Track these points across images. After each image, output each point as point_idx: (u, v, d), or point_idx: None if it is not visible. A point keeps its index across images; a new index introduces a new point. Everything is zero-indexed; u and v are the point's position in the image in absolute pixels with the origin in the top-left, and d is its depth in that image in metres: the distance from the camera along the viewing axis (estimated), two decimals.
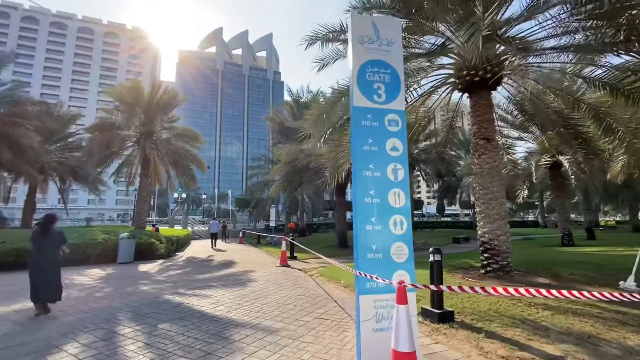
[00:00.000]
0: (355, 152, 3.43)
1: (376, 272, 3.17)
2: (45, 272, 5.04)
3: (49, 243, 5.20)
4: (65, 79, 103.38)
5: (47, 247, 5.17)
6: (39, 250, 5.14)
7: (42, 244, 5.16)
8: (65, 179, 23.73)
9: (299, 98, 26.04)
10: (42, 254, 5.10)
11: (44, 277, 5.01)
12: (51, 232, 5.29)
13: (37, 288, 4.98)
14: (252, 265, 10.94)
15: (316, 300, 6.02)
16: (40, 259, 5.08)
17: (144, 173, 18.28)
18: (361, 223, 3.30)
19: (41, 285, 4.98)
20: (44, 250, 5.14)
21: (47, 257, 5.12)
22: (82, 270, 9.77)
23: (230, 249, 17.37)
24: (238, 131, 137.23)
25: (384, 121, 3.55)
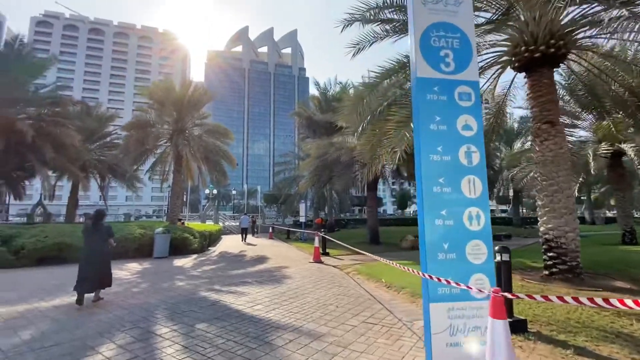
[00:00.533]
0: (420, 133, 2.87)
1: (449, 276, 2.62)
2: (95, 264, 5.34)
3: (98, 236, 5.55)
4: (104, 81, 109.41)
5: (97, 240, 5.53)
6: (89, 243, 5.50)
7: (92, 238, 5.52)
8: (105, 176, 24.84)
9: (327, 91, 25.55)
10: (92, 247, 5.47)
11: (93, 269, 5.30)
12: (100, 227, 5.65)
13: (84, 279, 5.24)
14: (285, 261, 10.65)
15: (359, 301, 5.53)
16: (91, 251, 5.43)
17: (177, 169, 18.59)
18: (429, 217, 2.76)
19: (90, 277, 5.26)
20: (95, 243, 5.49)
21: (98, 250, 5.48)
22: (121, 264, 9.92)
23: (261, 244, 17.30)
24: (265, 128, 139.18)
25: (454, 94, 2.96)
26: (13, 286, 6.59)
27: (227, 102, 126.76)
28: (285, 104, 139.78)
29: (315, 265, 9.69)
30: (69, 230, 10.21)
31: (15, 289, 6.33)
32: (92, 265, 5.30)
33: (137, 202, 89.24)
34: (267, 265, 9.74)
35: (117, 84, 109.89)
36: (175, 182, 18.52)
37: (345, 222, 32.30)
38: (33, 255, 8.85)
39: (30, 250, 8.82)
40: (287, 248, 15.34)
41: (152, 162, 20.65)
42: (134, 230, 11.64)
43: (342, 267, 9.28)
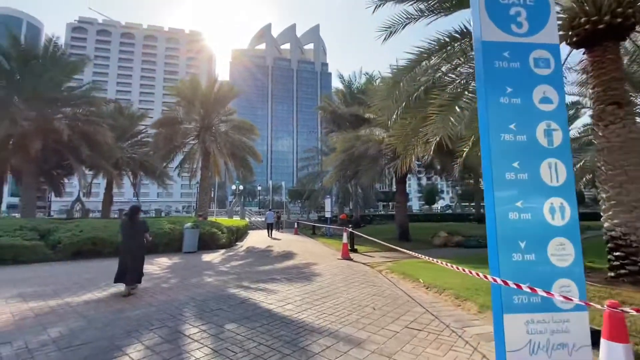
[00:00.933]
0: (487, 108, 2.38)
1: (527, 280, 2.13)
2: (133, 257, 5.64)
3: (135, 231, 5.85)
4: (135, 83, 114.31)
5: (134, 234, 5.83)
6: (126, 237, 5.81)
7: (129, 232, 5.82)
8: (137, 173, 25.73)
9: (351, 84, 24.94)
10: (129, 241, 5.78)
11: (131, 261, 5.59)
12: (136, 221, 5.94)
13: (124, 271, 5.55)
14: (312, 257, 10.35)
15: (397, 303, 5.08)
16: (129, 245, 5.75)
17: (205, 165, 18.84)
18: (502, 210, 2.28)
19: (129, 269, 5.54)
20: (131, 237, 5.80)
21: (135, 243, 5.78)
22: (151, 258, 10.02)
23: (287, 240, 17.15)
24: (288, 125, 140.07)
25: (529, 61, 2.44)
26: (49, 280, 6.71)
27: (251, 100, 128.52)
28: (308, 100, 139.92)
29: (344, 263, 9.30)
30: (102, 225, 10.46)
31: (50, 283, 6.43)
32: (131, 258, 5.58)
33: (167, 198, 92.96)
34: (295, 262, 9.47)
35: (147, 85, 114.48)
36: (203, 179, 18.78)
37: (370, 218, 31.63)
38: (69, 249, 9.10)
39: (67, 244, 9.08)
40: (313, 244, 15.06)
41: (181, 159, 21.10)
42: (163, 225, 11.78)
43: (373, 264, 8.83)
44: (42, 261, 8.67)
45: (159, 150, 17.59)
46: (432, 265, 7.81)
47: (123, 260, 5.65)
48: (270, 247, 13.50)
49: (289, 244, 14.81)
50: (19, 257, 8.28)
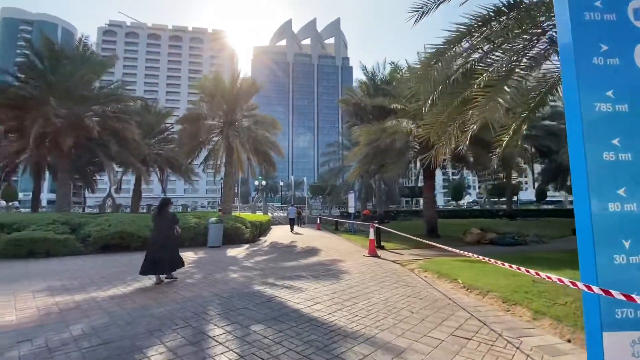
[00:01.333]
0: (576, 70, 1.88)
1: (634, 289, 1.65)
2: (163, 248, 5.82)
3: (165, 223, 6.03)
4: (162, 82, 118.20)
5: (164, 227, 6.00)
6: (157, 229, 6.02)
7: (159, 224, 6.01)
8: (164, 169, 26.41)
9: (375, 75, 24.18)
10: (160, 233, 5.96)
11: (161, 253, 5.77)
12: (166, 214, 6.15)
13: (154, 262, 5.71)
14: (337, 254, 9.99)
15: (436, 306, 4.62)
16: (159, 237, 5.94)
17: (229, 161, 18.89)
18: (598, 199, 1.80)
19: (158, 260, 5.72)
20: (162, 230, 5.98)
21: (165, 235, 5.96)
22: None
23: (310, 235, 16.91)
24: (309, 121, 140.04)
25: (627, 11, 1.91)
26: (77, 273, 6.77)
27: (271, 97, 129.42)
28: (329, 95, 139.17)
29: (371, 260, 8.88)
30: (129, 220, 10.61)
31: (78, 276, 6.47)
32: (160, 249, 5.77)
33: (193, 194, 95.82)
34: (320, 258, 9.15)
35: (173, 84, 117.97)
36: (227, 174, 18.84)
37: (394, 214, 30.84)
38: (98, 242, 9.27)
39: (96, 238, 9.24)
40: (337, 240, 14.71)
41: (206, 155, 21.34)
42: (189, 220, 11.83)
43: (403, 262, 8.35)
44: (72, 254, 8.87)
45: (184, 147, 17.80)
46: (470, 264, 7.27)
47: (151, 252, 5.78)
48: (293, 243, 13.28)
49: (312, 240, 14.55)
50: (51, 251, 8.49)
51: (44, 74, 14.87)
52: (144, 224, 10.74)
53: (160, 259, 5.72)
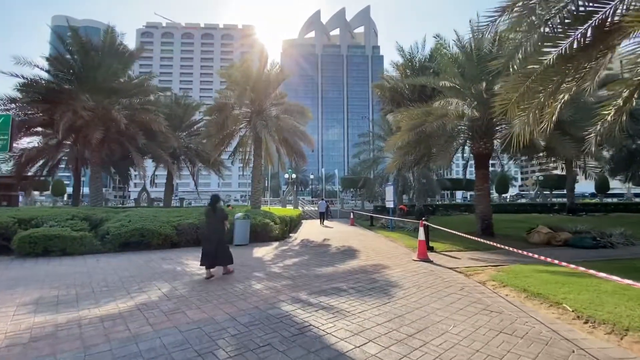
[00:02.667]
0: None
1: None
2: (214, 242, 6.01)
3: (216, 218, 6.19)
4: (195, 79, 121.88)
5: (215, 222, 6.18)
6: (208, 224, 6.23)
7: (211, 220, 6.20)
8: (194, 162, 26.18)
9: (413, 56, 22.00)
10: (211, 227, 6.16)
11: (213, 246, 5.97)
12: (217, 209, 6.31)
13: (207, 256, 5.94)
14: (380, 257, 8.52)
15: (554, 355, 3.02)
16: (210, 231, 6.13)
17: (257, 153, 17.95)
18: None
19: (211, 254, 5.94)
20: (212, 224, 6.17)
21: (214, 230, 6.12)
22: (198, 252, 9.11)
23: (343, 231, 15.52)
24: (338, 113, 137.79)
25: None
26: (82, 278, 5.89)
27: (300, 90, 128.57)
28: (359, 86, 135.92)
29: (424, 266, 7.30)
30: (151, 215, 9.83)
31: (80, 283, 5.57)
32: (211, 244, 5.96)
33: (226, 188, 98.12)
34: (361, 262, 7.72)
35: (206, 81, 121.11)
36: (255, 167, 17.91)
37: (432, 208, 28.49)
38: (117, 240, 8.52)
39: (114, 235, 8.50)
40: (374, 238, 13.18)
41: (234, 146, 20.59)
42: None
43: (466, 271, 6.70)
44: (90, 253, 8.18)
45: (211, 138, 17.04)
46: (565, 277, 5.48)
47: (205, 246, 6.01)
48: (327, 241, 11.96)
49: (347, 237, 13.15)
50: (68, 249, 7.83)
51: (73, 67, 14.65)
52: (166, 220, 9.93)
53: (213, 254, 5.93)
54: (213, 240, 5.98)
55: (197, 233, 10.01)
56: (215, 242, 5.98)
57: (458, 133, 12.41)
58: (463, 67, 12.98)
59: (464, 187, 34.73)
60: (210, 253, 5.91)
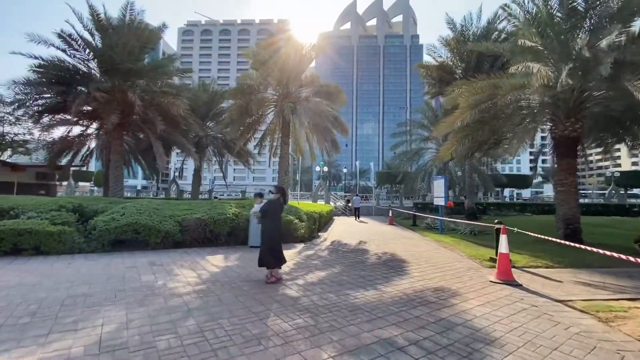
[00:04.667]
0: None
1: None
2: (264, 242, 5.25)
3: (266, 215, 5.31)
4: (232, 74, 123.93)
5: (265, 221, 5.29)
6: (276, 219, 5.39)
7: (279, 214, 5.53)
8: (222, 153, 24.99)
9: (466, 29, 18.77)
10: (278, 223, 5.41)
11: (263, 246, 5.22)
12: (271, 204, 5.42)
13: (260, 256, 5.16)
14: (438, 272, 6.14)
15: None
16: (277, 226, 5.37)
17: (284, 141, 16.08)
18: None
19: (262, 253, 5.15)
20: (279, 219, 5.47)
21: (264, 228, 5.30)
22: (203, 254, 7.30)
23: (382, 232, 13.13)
24: (374, 107, 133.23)
25: None
26: (29, 295, 4.20)
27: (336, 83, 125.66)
28: (396, 77, 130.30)
29: (514, 294, 4.81)
30: (152, 208, 8.19)
31: (24, 301, 3.86)
32: (263, 244, 5.25)
33: (260, 182, 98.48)
34: (414, 282, 5.39)
35: None
36: (282, 156, 16.06)
37: (483, 207, 24.93)
38: (104, 237, 6.94)
39: (102, 230, 6.92)
40: (422, 242, 10.67)
41: (262, 135, 18.94)
42: (227, 209, 9.07)
43: (593, 309, 4.12)
44: (70, 252, 6.66)
45: (234, 123, 15.40)
46: None
47: (275, 245, 5.23)
48: (363, 244, 9.70)
49: (387, 240, 10.79)
50: (43, 247, 6.36)
51: (89, 45, 13.66)
52: (170, 214, 8.27)
53: (261, 253, 5.21)
54: (265, 239, 5.27)
55: (205, 230, 8.25)
56: (267, 242, 5.21)
57: (540, 110, 9.48)
58: (544, 25, 9.94)
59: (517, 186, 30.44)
60: (262, 252, 5.17)
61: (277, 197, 5.47)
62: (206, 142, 22.69)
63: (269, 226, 5.25)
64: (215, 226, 8.31)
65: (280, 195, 5.50)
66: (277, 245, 5.22)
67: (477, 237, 11.79)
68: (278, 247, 5.23)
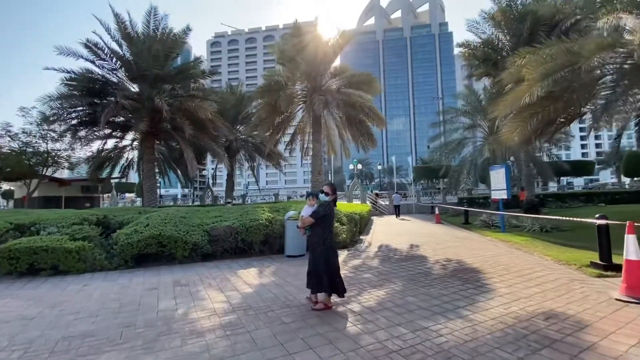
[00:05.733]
0: None
1: None
2: (317, 259, 3.95)
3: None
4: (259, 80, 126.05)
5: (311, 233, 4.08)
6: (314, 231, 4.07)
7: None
8: (253, 157, 24.51)
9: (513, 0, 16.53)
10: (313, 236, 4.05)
11: (316, 267, 3.91)
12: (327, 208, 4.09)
13: (313, 278, 3.95)
14: (529, 285, 4.67)
15: None
16: (312, 241, 4.08)
17: (316, 138, 15.02)
18: None
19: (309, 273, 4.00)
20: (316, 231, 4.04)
21: (316, 240, 4.01)
22: (235, 267, 6.34)
23: (432, 233, 11.53)
24: (403, 101, 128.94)
25: None
26: (19, 336, 3.39)
27: None
28: (425, 69, 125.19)
29: None
30: (178, 217, 7.41)
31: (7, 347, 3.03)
32: (316, 262, 3.94)
33: (291, 185, 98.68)
34: (508, 304, 3.95)
35: None
36: (315, 155, 14.99)
37: (540, 199, 22.08)
38: (127, 252, 6.20)
39: (124, 245, 6.20)
40: (487, 243, 9.01)
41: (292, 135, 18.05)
42: (260, 214, 8.11)
43: None
44: (92, 270, 5.98)
45: (263, 123, 14.60)
46: None
47: (332, 264, 3.95)
48: (416, 249, 8.29)
49: (443, 242, 9.27)
50: (61, 265, 5.72)
51: (115, 54, 13.53)
52: (198, 222, 7.45)
53: (310, 272, 4.01)
54: (310, 257, 4.12)
55: (237, 239, 7.33)
56: (311, 259, 4.04)
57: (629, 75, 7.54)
58: None
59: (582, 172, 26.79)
60: (310, 272, 4.00)
61: (333, 198, 4.18)
62: (236, 146, 22.28)
63: (321, 237, 3.96)
64: (247, 234, 7.36)
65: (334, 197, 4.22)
66: (334, 264, 3.96)
67: (550, 235, 9.90)
68: (334, 266, 3.96)
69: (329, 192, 4.12)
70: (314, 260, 3.95)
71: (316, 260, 3.92)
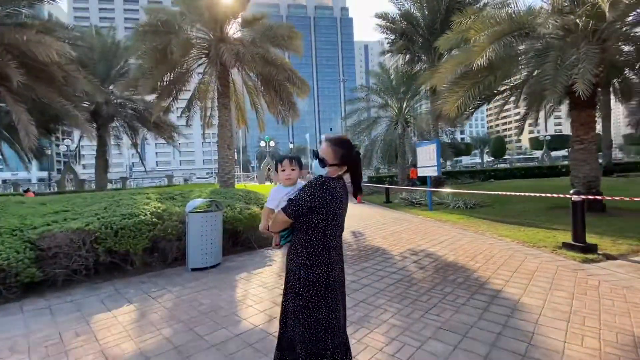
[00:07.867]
0: None
1: None
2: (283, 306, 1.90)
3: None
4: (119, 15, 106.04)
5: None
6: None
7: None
8: (135, 127, 19.22)
9: None
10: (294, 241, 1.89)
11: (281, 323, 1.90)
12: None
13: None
14: (523, 280, 3.42)
15: None
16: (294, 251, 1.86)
17: (223, 103, 11.87)
18: None
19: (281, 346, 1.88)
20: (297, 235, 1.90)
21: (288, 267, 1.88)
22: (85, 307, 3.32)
23: (365, 215, 10.23)
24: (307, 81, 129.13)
25: None
26: None
27: None
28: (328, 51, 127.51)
29: None
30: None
31: None
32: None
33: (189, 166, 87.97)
34: (570, 331, 2.51)
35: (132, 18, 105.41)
36: (222, 124, 11.93)
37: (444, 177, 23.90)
38: None
39: None
40: (430, 226, 8.09)
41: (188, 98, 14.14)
42: (140, 206, 5.08)
43: None
44: None
45: (147, 77, 10.60)
46: None
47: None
48: (362, 238, 6.67)
49: (381, 225, 8.00)
50: None
51: None
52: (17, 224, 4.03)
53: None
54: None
55: (96, 251, 4.25)
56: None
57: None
58: None
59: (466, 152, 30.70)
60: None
61: (338, 174, 1.86)
62: (109, 112, 16.82)
63: (312, 257, 1.73)
64: (118, 241, 4.35)
65: (348, 170, 1.87)
66: (336, 303, 1.75)
67: (477, 212, 9.75)
68: (336, 310, 1.75)
69: (332, 161, 1.80)
70: (294, 313, 1.73)
71: (299, 314, 1.70)
